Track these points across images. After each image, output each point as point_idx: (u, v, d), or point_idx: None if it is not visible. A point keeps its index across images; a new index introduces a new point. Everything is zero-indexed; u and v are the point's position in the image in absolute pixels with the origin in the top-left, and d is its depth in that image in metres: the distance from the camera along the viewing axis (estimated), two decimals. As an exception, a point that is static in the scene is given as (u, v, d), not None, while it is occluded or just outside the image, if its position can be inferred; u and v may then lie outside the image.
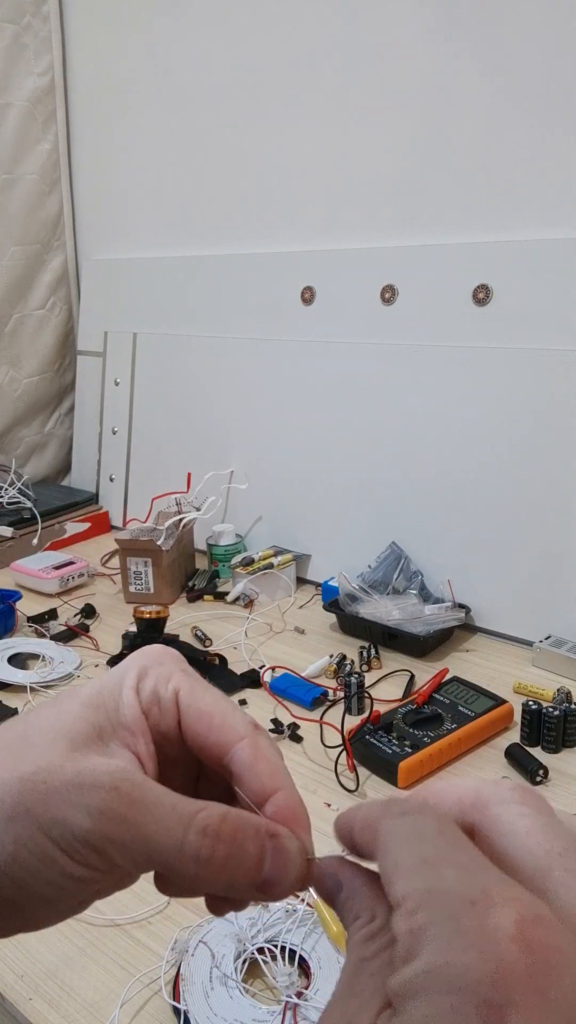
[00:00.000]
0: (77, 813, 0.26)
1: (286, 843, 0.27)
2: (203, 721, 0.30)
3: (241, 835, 0.27)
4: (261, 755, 0.29)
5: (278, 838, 0.27)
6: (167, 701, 0.30)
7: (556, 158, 1.04)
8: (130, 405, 1.62)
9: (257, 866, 0.27)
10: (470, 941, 0.19)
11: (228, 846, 0.26)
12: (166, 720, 0.30)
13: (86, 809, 0.26)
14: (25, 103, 1.59)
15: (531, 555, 1.09)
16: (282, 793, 0.29)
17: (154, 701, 0.30)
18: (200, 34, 1.40)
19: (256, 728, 0.30)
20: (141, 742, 0.29)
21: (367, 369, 1.24)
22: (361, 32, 1.19)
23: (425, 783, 0.83)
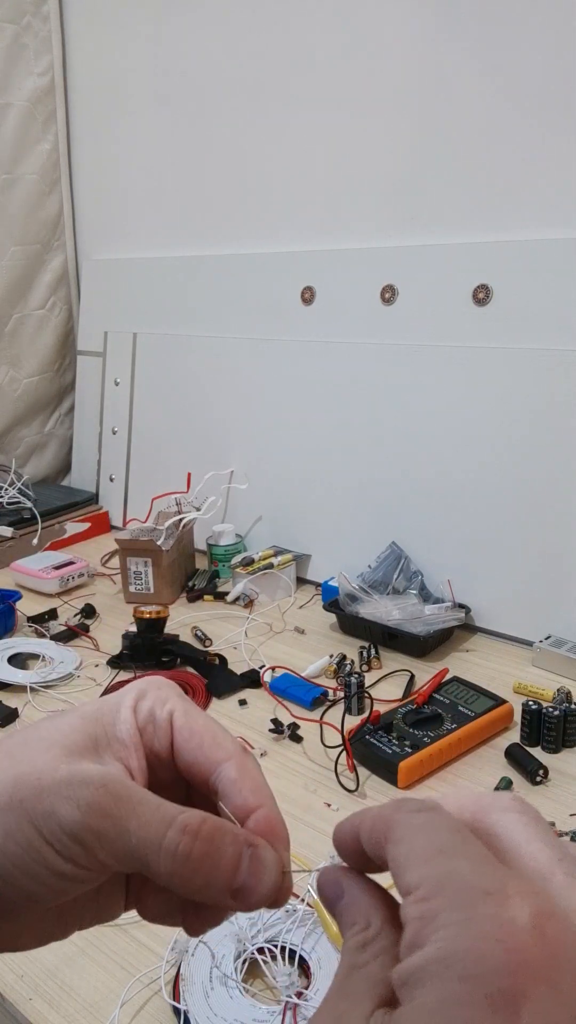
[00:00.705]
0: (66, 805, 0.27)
1: (263, 852, 0.28)
2: (194, 740, 0.31)
3: (220, 837, 0.28)
4: (247, 772, 0.31)
5: (256, 847, 0.28)
6: (162, 721, 0.32)
7: (556, 158, 1.04)
8: (130, 405, 1.62)
9: (233, 869, 0.28)
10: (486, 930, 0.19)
11: (206, 845, 0.27)
12: (159, 739, 0.32)
13: (75, 802, 0.27)
14: (25, 103, 1.59)
15: (531, 555, 1.09)
16: (263, 810, 0.30)
17: (149, 719, 0.32)
18: (200, 34, 1.40)
19: (244, 750, 0.32)
20: (134, 757, 0.31)
21: (367, 369, 1.24)
22: (361, 32, 1.19)
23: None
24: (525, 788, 0.82)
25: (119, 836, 0.27)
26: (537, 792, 0.81)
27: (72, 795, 0.28)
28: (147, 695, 0.33)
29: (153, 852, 0.27)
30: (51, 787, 0.28)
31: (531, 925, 0.19)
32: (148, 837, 0.27)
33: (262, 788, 0.31)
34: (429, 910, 0.21)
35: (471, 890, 0.21)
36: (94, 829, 0.27)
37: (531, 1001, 0.18)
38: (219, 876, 0.28)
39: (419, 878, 0.22)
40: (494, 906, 0.20)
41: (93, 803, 0.27)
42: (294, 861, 0.71)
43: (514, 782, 0.82)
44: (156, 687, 0.33)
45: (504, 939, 0.19)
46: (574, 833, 0.74)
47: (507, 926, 0.19)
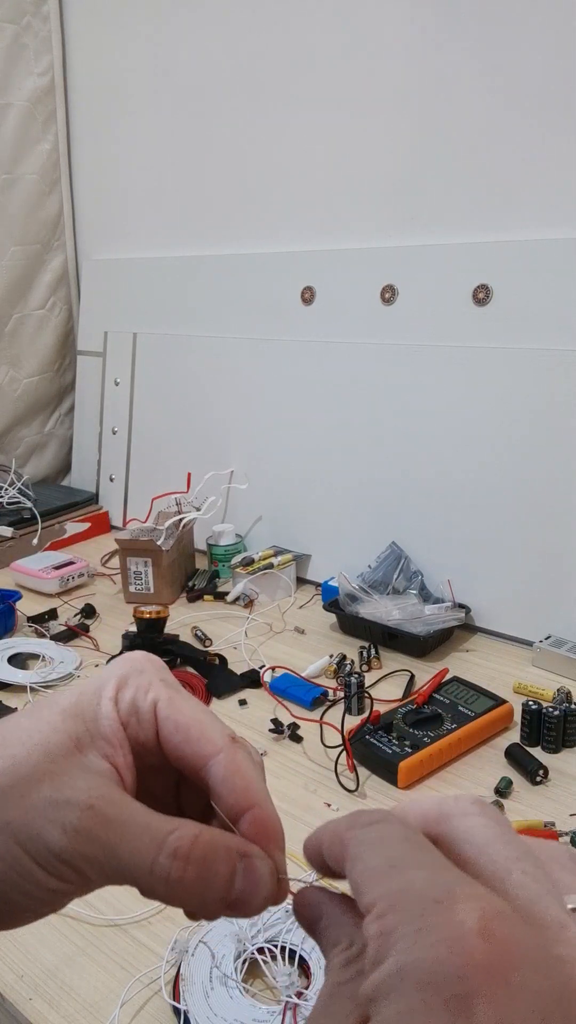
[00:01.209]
0: (53, 829, 0.27)
1: (257, 863, 0.28)
2: (180, 733, 0.30)
3: (212, 856, 0.27)
4: (237, 770, 0.29)
5: (249, 858, 0.28)
6: (145, 712, 0.30)
7: (556, 158, 1.04)
8: (130, 405, 1.62)
9: (227, 886, 0.27)
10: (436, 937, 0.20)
11: (198, 868, 0.27)
12: (144, 731, 0.30)
13: (61, 826, 0.27)
14: (25, 103, 1.59)
15: (531, 555, 1.09)
16: (257, 810, 0.29)
17: (132, 712, 0.30)
18: (200, 34, 1.40)
19: (234, 741, 0.30)
20: (119, 753, 0.30)
21: (367, 369, 1.24)
22: (361, 32, 1.19)
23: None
24: (525, 788, 0.82)
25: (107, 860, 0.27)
26: (537, 792, 0.81)
27: (58, 818, 0.27)
28: (128, 683, 0.31)
29: (144, 876, 0.27)
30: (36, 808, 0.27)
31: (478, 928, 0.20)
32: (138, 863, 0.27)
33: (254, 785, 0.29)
34: (385, 926, 0.21)
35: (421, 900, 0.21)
36: (82, 853, 0.27)
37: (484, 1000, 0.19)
38: (213, 894, 0.27)
39: (375, 896, 0.22)
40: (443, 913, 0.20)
41: (80, 827, 0.27)
42: (293, 861, 0.71)
43: (514, 782, 0.82)
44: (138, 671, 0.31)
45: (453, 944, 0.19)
46: (574, 833, 0.74)
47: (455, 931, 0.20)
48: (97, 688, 0.31)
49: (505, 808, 0.78)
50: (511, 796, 0.80)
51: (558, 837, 0.74)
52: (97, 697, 0.30)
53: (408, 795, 0.82)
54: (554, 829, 0.74)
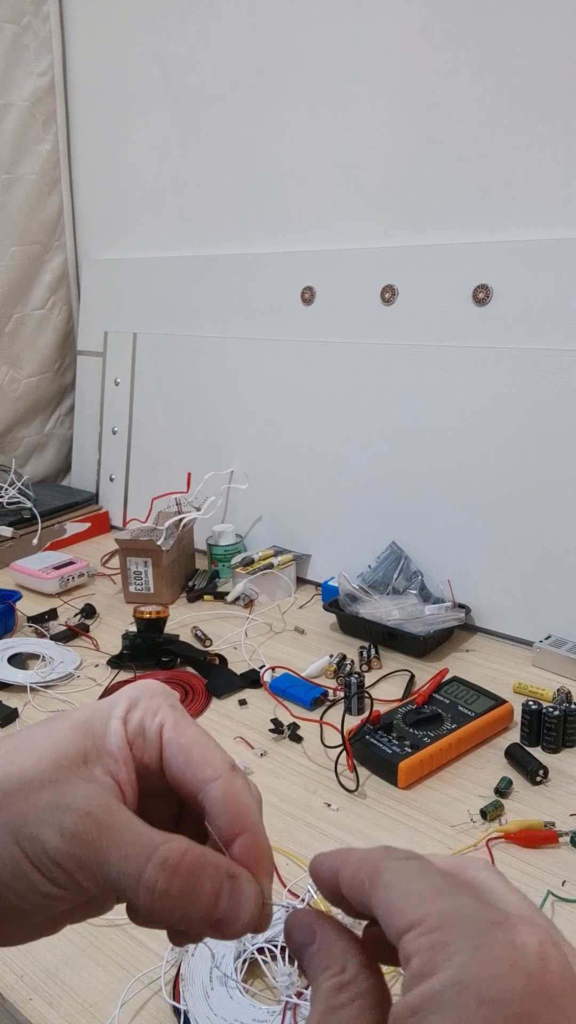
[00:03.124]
0: (50, 832, 0.28)
1: (243, 885, 0.28)
2: (182, 755, 0.31)
3: (199, 872, 0.28)
4: (234, 795, 0.30)
5: (236, 880, 0.28)
6: (151, 733, 0.31)
7: (556, 158, 1.04)
8: (130, 405, 1.62)
9: (212, 904, 0.28)
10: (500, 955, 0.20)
11: (184, 881, 0.27)
12: (149, 752, 0.31)
13: (59, 829, 0.28)
14: (25, 103, 1.59)
15: (531, 555, 1.09)
16: (249, 835, 0.29)
17: (139, 732, 0.31)
18: (200, 34, 1.40)
19: (233, 769, 0.31)
20: (123, 770, 0.30)
21: (367, 369, 1.24)
22: (361, 32, 1.19)
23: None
24: (525, 788, 0.82)
25: (99, 866, 0.27)
26: (537, 792, 0.81)
27: (56, 821, 0.28)
28: (138, 705, 0.32)
29: (132, 885, 0.27)
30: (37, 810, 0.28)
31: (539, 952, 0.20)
32: (127, 870, 0.27)
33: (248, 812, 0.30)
34: (440, 940, 0.21)
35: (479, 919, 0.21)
36: (76, 857, 0.27)
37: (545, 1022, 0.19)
38: (197, 910, 0.28)
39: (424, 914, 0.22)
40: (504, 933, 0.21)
41: (76, 831, 0.27)
42: (292, 860, 0.71)
43: (514, 782, 0.82)
44: (149, 695, 0.32)
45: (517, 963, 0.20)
46: (574, 833, 0.74)
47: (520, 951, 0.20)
48: (108, 707, 0.32)
49: (505, 808, 0.78)
50: (511, 796, 0.80)
51: (558, 837, 0.74)
52: (107, 715, 0.31)
53: (408, 795, 0.82)
54: (554, 829, 0.74)
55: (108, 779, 0.30)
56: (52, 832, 0.27)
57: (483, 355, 1.11)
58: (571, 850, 0.73)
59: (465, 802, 0.80)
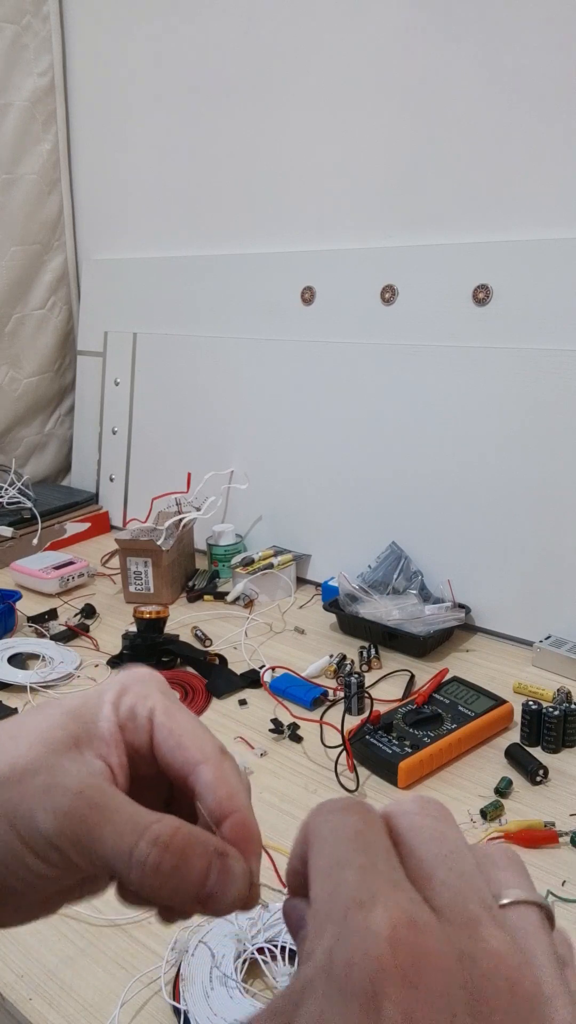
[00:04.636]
0: (44, 812, 0.28)
1: (232, 863, 0.29)
2: (173, 739, 0.31)
3: (189, 849, 0.28)
4: (223, 777, 0.31)
5: (225, 857, 0.29)
6: (142, 718, 0.32)
7: (556, 158, 1.04)
8: (130, 405, 1.62)
9: (201, 880, 0.28)
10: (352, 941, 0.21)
11: (175, 858, 0.28)
12: (139, 736, 0.32)
13: (52, 809, 0.28)
14: (25, 103, 1.59)
15: (531, 555, 1.09)
16: (238, 816, 0.30)
17: (130, 717, 0.32)
18: (200, 34, 1.40)
19: (222, 752, 0.32)
20: (114, 754, 0.31)
21: (367, 369, 1.24)
22: (361, 32, 1.19)
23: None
24: (525, 788, 0.82)
25: (93, 843, 0.28)
26: (537, 792, 0.81)
27: (49, 802, 0.28)
28: (129, 691, 0.33)
29: (123, 861, 0.28)
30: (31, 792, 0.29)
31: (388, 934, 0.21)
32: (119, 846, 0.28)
33: (238, 793, 0.31)
34: (317, 924, 0.22)
35: (348, 901, 0.22)
36: (69, 835, 0.28)
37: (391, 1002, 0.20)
38: (187, 887, 0.28)
39: (316, 892, 0.23)
40: (362, 917, 0.21)
41: (69, 811, 0.28)
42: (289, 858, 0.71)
43: (514, 782, 0.82)
44: (139, 682, 0.33)
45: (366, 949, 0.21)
46: (574, 833, 0.74)
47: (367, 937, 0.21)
48: (99, 693, 0.33)
49: (505, 808, 0.78)
50: (511, 796, 0.80)
51: (558, 837, 0.74)
52: (99, 701, 0.32)
53: (408, 795, 0.82)
54: (554, 829, 0.74)
55: (99, 763, 0.31)
56: (46, 813, 0.28)
57: (483, 355, 1.11)
58: (571, 850, 0.73)
59: (465, 802, 0.80)
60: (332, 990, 0.21)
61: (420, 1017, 0.20)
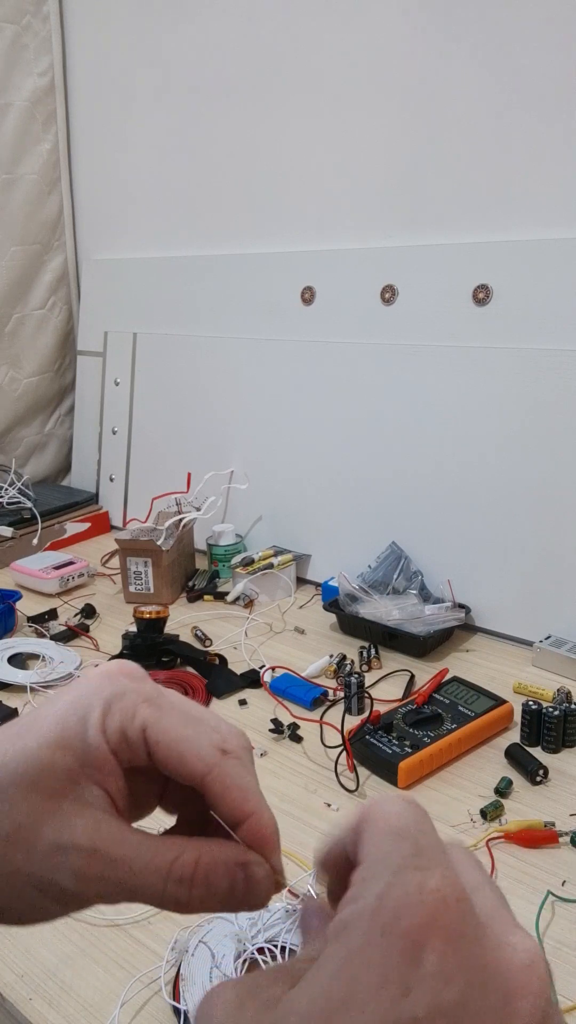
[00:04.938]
0: (64, 875, 0.29)
1: (255, 870, 0.30)
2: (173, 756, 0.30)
3: (212, 875, 0.29)
4: (229, 785, 0.30)
5: (248, 866, 0.30)
6: (135, 739, 0.30)
7: (556, 158, 1.04)
8: (130, 405, 1.62)
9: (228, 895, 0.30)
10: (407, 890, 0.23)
11: (203, 888, 0.29)
12: (136, 756, 0.31)
13: (71, 872, 0.29)
14: (25, 103, 1.59)
15: (531, 555, 1.09)
16: (254, 818, 0.31)
17: (121, 740, 0.30)
18: (200, 34, 1.40)
19: (224, 754, 0.31)
20: (112, 781, 0.31)
21: (367, 369, 1.24)
22: (361, 32, 1.19)
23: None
24: (525, 788, 0.82)
25: (120, 893, 0.29)
26: (537, 792, 0.81)
27: (65, 864, 0.29)
28: (113, 709, 0.31)
29: (156, 900, 0.29)
30: (42, 853, 0.29)
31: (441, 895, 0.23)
32: (147, 891, 0.29)
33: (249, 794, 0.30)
34: (368, 874, 0.24)
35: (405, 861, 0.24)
36: (94, 891, 0.29)
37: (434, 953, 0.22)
38: (217, 905, 0.30)
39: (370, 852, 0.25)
40: (418, 875, 0.23)
41: (89, 873, 0.29)
42: (292, 860, 0.71)
43: (514, 782, 0.82)
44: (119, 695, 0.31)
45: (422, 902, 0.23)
46: (574, 833, 0.74)
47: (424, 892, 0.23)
48: (81, 717, 0.31)
49: (505, 808, 0.78)
50: (511, 796, 0.80)
51: (558, 837, 0.74)
52: (82, 725, 0.30)
53: (409, 795, 0.82)
54: (554, 829, 0.74)
55: (100, 792, 0.30)
56: (65, 875, 0.29)
57: (483, 355, 1.11)
58: (571, 850, 0.73)
59: (465, 802, 0.80)
60: (375, 929, 0.22)
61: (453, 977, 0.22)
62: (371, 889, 0.24)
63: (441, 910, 0.23)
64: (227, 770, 0.30)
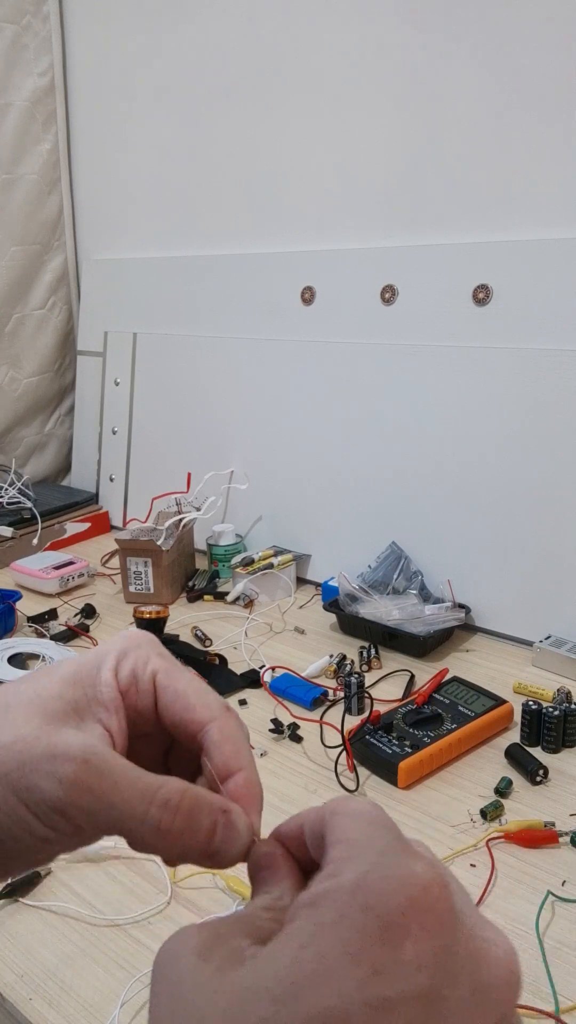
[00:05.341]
0: (49, 782, 0.29)
1: (236, 819, 0.30)
2: (179, 701, 0.32)
3: (196, 810, 0.29)
4: (229, 736, 0.32)
5: (229, 814, 0.30)
6: (145, 682, 0.32)
7: (556, 158, 1.04)
8: (130, 405, 1.62)
9: (208, 837, 0.30)
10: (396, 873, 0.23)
11: (185, 819, 0.29)
12: (143, 700, 0.32)
13: (57, 778, 0.29)
14: (25, 103, 1.59)
15: (531, 555, 1.09)
16: (242, 774, 0.32)
17: (132, 682, 0.32)
18: (200, 34, 1.40)
19: (227, 710, 0.33)
20: (115, 720, 0.32)
21: (367, 369, 1.24)
22: (361, 32, 1.19)
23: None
24: (525, 788, 0.82)
25: (102, 811, 0.29)
26: (537, 792, 0.81)
27: (54, 770, 0.29)
28: (128, 655, 0.33)
29: (136, 826, 0.29)
30: (32, 761, 0.29)
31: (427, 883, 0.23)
32: (129, 812, 0.29)
33: (241, 751, 0.32)
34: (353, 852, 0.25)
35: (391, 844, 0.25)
36: (77, 804, 0.29)
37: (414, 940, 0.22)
38: (195, 844, 0.29)
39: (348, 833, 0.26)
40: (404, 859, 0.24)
41: (76, 780, 0.28)
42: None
43: (514, 782, 0.82)
44: (136, 645, 0.33)
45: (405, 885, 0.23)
46: (574, 833, 0.74)
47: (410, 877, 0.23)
48: (97, 659, 0.33)
49: (505, 808, 0.78)
50: (511, 796, 0.80)
51: (558, 837, 0.74)
52: (97, 667, 0.32)
53: (408, 795, 0.82)
54: (554, 829, 0.74)
55: (99, 728, 0.31)
56: (51, 781, 0.28)
57: (483, 355, 1.11)
58: (571, 850, 0.73)
59: (465, 802, 0.80)
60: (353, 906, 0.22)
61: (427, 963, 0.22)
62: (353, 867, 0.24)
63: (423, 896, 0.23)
64: (228, 723, 0.32)
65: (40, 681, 0.32)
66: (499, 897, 0.69)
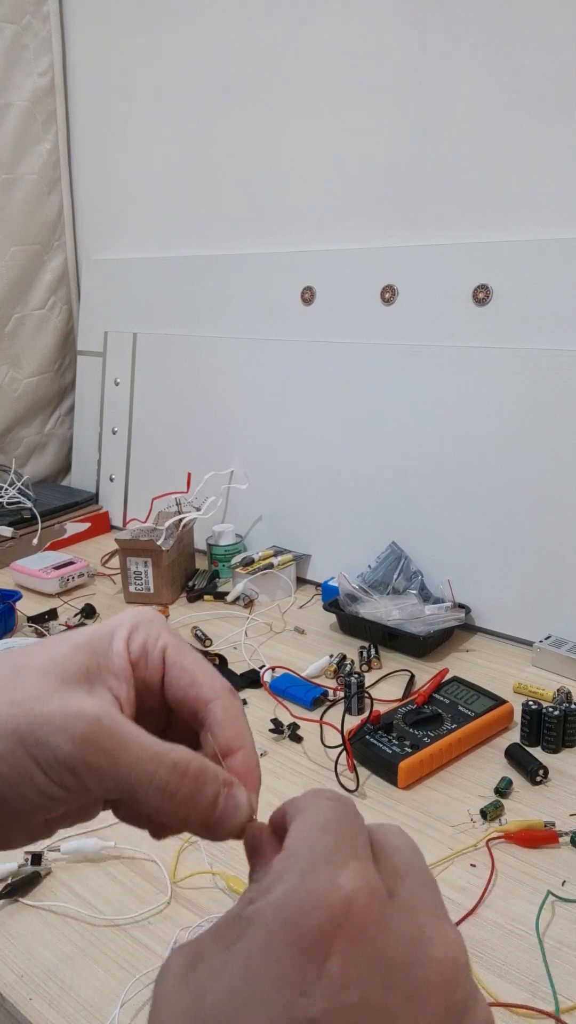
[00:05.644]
0: (60, 737, 0.29)
1: (237, 793, 0.31)
2: (185, 678, 0.33)
3: (203, 777, 0.30)
4: (233, 715, 0.33)
5: (232, 787, 0.31)
6: (155, 656, 0.33)
7: (556, 158, 1.04)
8: (130, 405, 1.62)
9: (211, 806, 0.30)
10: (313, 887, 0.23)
11: (192, 784, 0.30)
12: (151, 673, 0.33)
13: (69, 735, 0.29)
14: (25, 103, 1.59)
15: (531, 555, 1.09)
16: (243, 753, 0.32)
17: (142, 654, 0.33)
18: (200, 34, 1.40)
19: (231, 691, 0.34)
20: (124, 688, 0.32)
21: (367, 369, 1.24)
22: (360, 32, 1.19)
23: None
24: (525, 788, 0.82)
25: (111, 769, 0.29)
26: (537, 792, 0.81)
27: (66, 727, 0.29)
28: (139, 628, 0.34)
29: (143, 786, 0.29)
30: (44, 717, 0.29)
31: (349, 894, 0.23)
32: (139, 772, 0.29)
33: (244, 731, 0.33)
34: (284, 867, 0.25)
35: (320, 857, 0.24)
36: (87, 761, 0.29)
37: (338, 956, 0.22)
38: (199, 811, 0.30)
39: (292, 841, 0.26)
40: (329, 872, 0.24)
41: (88, 736, 0.29)
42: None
43: (514, 782, 0.82)
44: (148, 621, 0.34)
45: (323, 899, 0.23)
46: (574, 833, 0.74)
47: (332, 889, 0.23)
48: (110, 629, 0.34)
49: (505, 808, 0.78)
50: (511, 796, 0.80)
51: (558, 837, 0.74)
52: (109, 636, 0.33)
53: (408, 795, 0.82)
54: (554, 829, 0.74)
55: (109, 695, 0.32)
56: (62, 737, 0.29)
57: (483, 355, 1.11)
58: (571, 850, 0.73)
59: (465, 802, 0.80)
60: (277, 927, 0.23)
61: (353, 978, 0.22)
62: (282, 884, 0.24)
63: (346, 908, 0.22)
64: (232, 703, 0.33)
65: (54, 646, 0.33)
66: (499, 897, 0.69)
